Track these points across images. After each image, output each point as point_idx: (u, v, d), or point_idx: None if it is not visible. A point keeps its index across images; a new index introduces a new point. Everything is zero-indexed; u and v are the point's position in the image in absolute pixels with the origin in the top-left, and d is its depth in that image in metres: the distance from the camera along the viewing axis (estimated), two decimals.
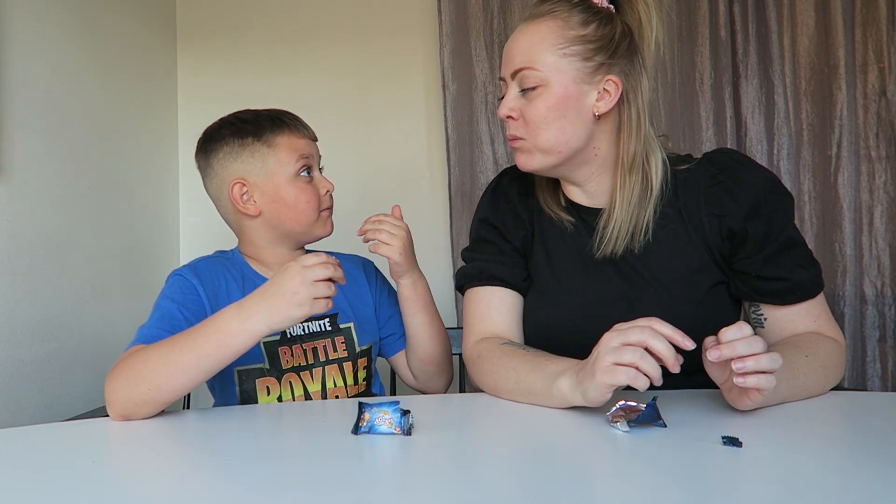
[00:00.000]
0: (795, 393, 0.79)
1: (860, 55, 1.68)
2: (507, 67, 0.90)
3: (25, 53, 1.26)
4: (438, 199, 1.86)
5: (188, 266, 1.00)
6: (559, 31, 0.87)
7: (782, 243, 0.88)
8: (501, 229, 1.01)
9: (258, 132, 1.02)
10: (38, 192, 1.29)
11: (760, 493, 0.51)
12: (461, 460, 0.63)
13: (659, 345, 0.66)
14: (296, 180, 1.01)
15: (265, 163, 1.01)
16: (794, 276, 0.88)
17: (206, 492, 0.55)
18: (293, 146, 1.02)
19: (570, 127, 0.88)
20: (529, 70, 0.87)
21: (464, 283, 1.01)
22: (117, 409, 0.79)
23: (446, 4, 1.78)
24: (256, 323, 0.79)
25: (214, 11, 1.92)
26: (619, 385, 0.67)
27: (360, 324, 1.07)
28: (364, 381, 1.07)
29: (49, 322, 1.30)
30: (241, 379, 0.98)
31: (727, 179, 0.90)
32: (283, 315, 0.79)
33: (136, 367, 0.80)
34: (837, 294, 1.67)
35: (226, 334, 0.79)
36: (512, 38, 0.91)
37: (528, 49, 0.88)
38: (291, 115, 1.07)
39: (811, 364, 0.81)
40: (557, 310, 0.95)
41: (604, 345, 0.70)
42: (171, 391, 0.79)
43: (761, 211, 0.88)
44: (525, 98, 0.89)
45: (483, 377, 0.89)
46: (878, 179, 1.67)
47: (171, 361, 0.79)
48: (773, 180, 0.91)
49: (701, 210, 0.91)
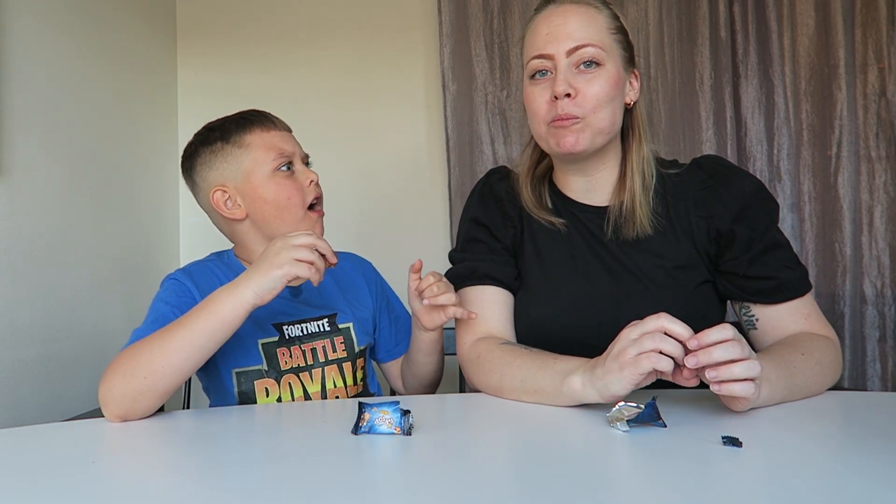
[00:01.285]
0: (794, 392, 0.79)
1: (860, 55, 1.68)
2: (559, 44, 0.88)
3: (25, 54, 1.26)
4: (438, 199, 1.86)
5: (182, 270, 1.01)
6: (605, 18, 0.90)
7: (767, 244, 0.90)
8: (491, 228, 1.01)
9: (226, 136, 1.01)
10: (38, 192, 1.29)
11: (760, 493, 0.51)
12: (461, 460, 0.63)
13: (672, 349, 0.67)
14: (274, 176, 0.99)
15: (240, 164, 1.00)
16: (780, 274, 0.89)
17: (206, 492, 0.55)
18: (265, 142, 1.00)
19: (618, 111, 0.92)
20: (592, 47, 0.87)
21: (454, 282, 1.00)
22: (113, 408, 0.78)
23: (446, 4, 1.78)
24: (243, 289, 0.81)
25: (214, 10, 1.92)
26: (644, 373, 0.68)
27: (358, 324, 1.07)
28: (362, 381, 1.07)
29: (49, 322, 1.30)
30: (239, 380, 0.98)
31: (716, 184, 0.93)
32: (266, 277, 0.80)
33: (129, 360, 0.80)
34: (837, 294, 1.67)
35: (215, 303, 0.81)
36: (557, 17, 0.89)
37: (586, 26, 0.88)
38: (259, 112, 1.05)
39: (807, 362, 0.81)
40: (548, 307, 0.96)
41: (623, 339, 0.71)
42: (168, 375, 0.78)
43: (747, 214, 0.91)
44: (581, 76, 0.88)
45: (484, 377, 0.89)
46: (878, 179, 1.67)
47: (165, 343, 0.79)
48: (760, 186, 0.94)
49: (690, 212, 0.93)
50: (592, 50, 0.87)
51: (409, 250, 1.85)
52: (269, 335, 0.99)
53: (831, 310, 1.66)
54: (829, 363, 0.85)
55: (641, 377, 0.68)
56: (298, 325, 1.01)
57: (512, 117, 1.77)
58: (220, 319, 0.80)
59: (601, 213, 0.97)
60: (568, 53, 0.87)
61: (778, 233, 0.92)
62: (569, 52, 0.87)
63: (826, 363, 0.84)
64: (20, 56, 1.25)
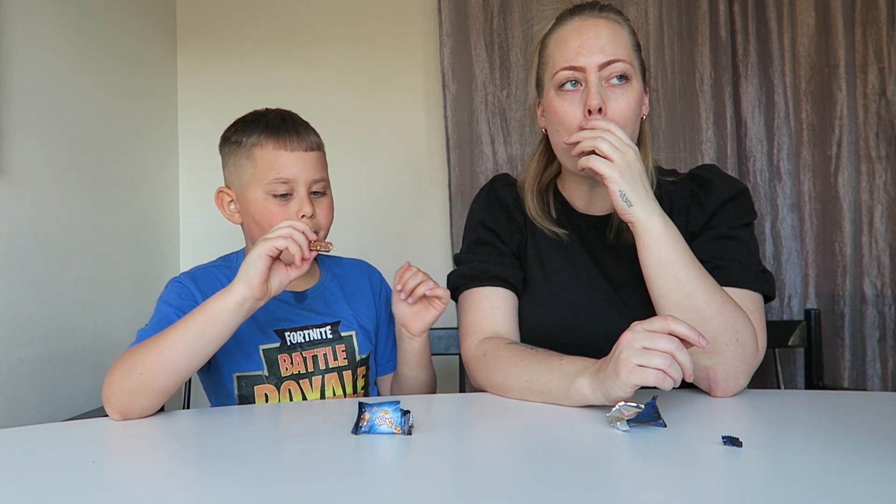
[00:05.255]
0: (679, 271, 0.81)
1: (860, 55, 1.68)
2: (591, 57, 0.87)
3: (25, 53, 1.26)
4: (438, 199, 1.86)
5: (186, 273, 1.00)
6: (628, 34, 0.91)
7: (722, 234, 0.91)
8: (499, 232, 1.02)
9: (244, 138, 0.98)
10: (38, 191, 1.29)
11: (760, 493, 0.51)
12: (461, 460, 0.63)
13: (684, 358, 0.68)
14: (266, 199, 0.95)
15: (242, 174, 0.98)
16: (723, 261, 0.89)
17: (206, 492, 0.55)
18: (270, 162, 0.95)
19: (637, 126, 0.92)
20: (622, 62, 0.87)
21: (463, 283, 1.01)
22: (114, 404, 0.79)
23: (446, 4, 1.77)
24: (234, 285, 0.81)
25: (214, 10, 1.91)
26: (645, 385, 0.69)
27: (361, 332, 1.06)
28: (363, 389, 1.06)
29: (49, 322, 1.30)
30: (239, 384, 0.98)
31: (700, 192, 0.96)
32: (248, 266, 0.80)
33: (128, 358, 0.81)
34: (837, 294, 1.67)
35: (208, 303, 0.81)
36: (589, 29, 0.88)
37: (616, 41, 0.88)
38: (286, 122, 0.99)
39: (716, 289, 0.82)
40: (549, 314, 0.97)
41: (626, 345, 0.71)
42: (163, 373, 0.79)
43: (717, 214, 0.93)
44: (610, 90, 0.88)
45: (489, 376, 0.89)
46: (878, 179, 1.67)
47: (160, 342, 0.80)
48: (739, 192, 0.95)
49: (676, 220, 0.94)
50: (622, 65, 0.87)
51: (409, 250, 1.84)
52: (270, 341, 0.99)
53: (831, 310, 1.66)
54: (740, 326, 0.81)
55: (638, 387, 0.69)
56: (300, 332, 1.01)
57: (512, 117, 1.77)
58: (210, 316, 0.80)
59: (603, 221, 0.99)
60: (599, 67, 0.87)
61: (742, 231, 0.92)
62: (600, 66, 0.87)
63: (737, 322, 0.81)
64: (20, 55, 1.25)
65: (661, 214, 0.83)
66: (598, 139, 0.82)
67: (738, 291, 0.87)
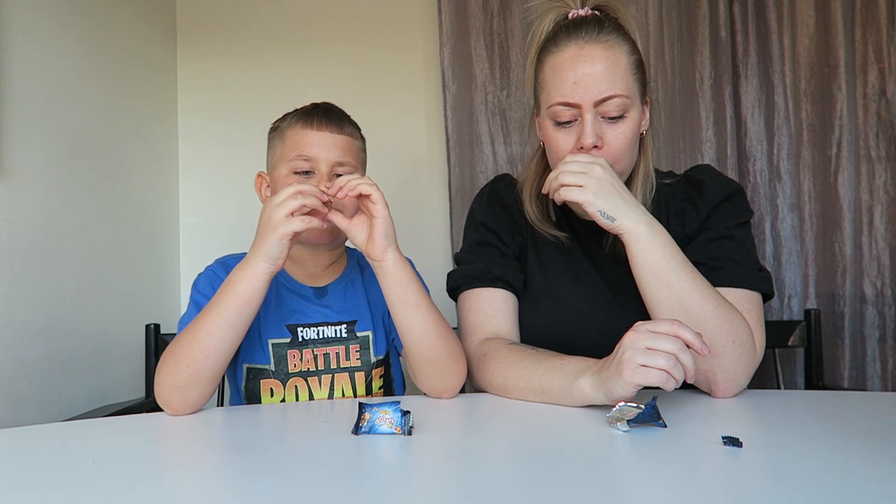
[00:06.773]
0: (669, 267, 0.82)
1: (860, 55, 1.68)
2: (587, 94, 0.85)
3: (25, 53, 1.26)
4: (438, 199, 1.86)
5: (219, 261, 1.02)
6: (626, 56, 0.88)
7: (718, 235, 0.91)
8: (500, 234, 1.02)
9: (281, 123, 1.02)
10: (38, 191, 1.28)
11: (760, 493, 0.51)
12: (461, 460, 0.63)
13: (686, 359, 0.68)
14: (289, 177, 0.96)
15: (274, 153, 1.01)
16: (719, 262, 0.89)
17: (206, 492, 0.55)
18: (296, 139, 0.96)
19: (636, 148, 0.92)
20: (619, 98, 0.85)
21: (464, 282, 1.01)
22: (167, 401, 0.81)
23: (446, 4, 1.78)
24: (254, 262, 0.82)
25: (214, 10, 1.91)
26: (648, 385, 0.69)
27: (379, 330, 1.04)
28: (381, 389, 1.03)
29: (49, 322, 1.30)
30: (248, 375, 0.98)
31: (695, 193, 0.96)
32: (268, 242, 0.81)
33: (171, 354, 0.83)
34: (837, 294, 1.67)
35: (233, 283, 0.83)
36: (584, 63, 0.85)
37: (612, 73, 0.85)
38: (319, 106, 1.01)
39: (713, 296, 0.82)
40: (549, 317, 0.98)
41: (629, 345, 0.71)
42: (209, 360, 0.81)
43: (713, 215, 0.93)
44: (607, 125, 0.87)
45: (490, 375, 0.89)
46: (878, 179, 1.67)
47: (198, 331, 0.82)
48: (734, 191, 0.95)
49: (671, 223, 0.95)
50: (619, 101, 0.85)
51: (409, 250, 1.83)
52: (281, 336, 0.98)
53: (831, 310, 1.66)
54: (742, 339, 0.82)
55: (640, 387, 0.70)
56: (315, 328, 1.00)
57: (512, 117, 1.77)
58: (240, 297, 0.82)
59: (600, 228, 0.98)
60: (595, 104, 0.86)
61: (738, 231, 0.92)
62: (596, 103, 0.86)
63: (733, 324, 0.81)
64: (20, 55, 1.25)
65: (646, 221, 0.83)
66: (560, 174, 0.84)
67: (735, 291, 0.87)
